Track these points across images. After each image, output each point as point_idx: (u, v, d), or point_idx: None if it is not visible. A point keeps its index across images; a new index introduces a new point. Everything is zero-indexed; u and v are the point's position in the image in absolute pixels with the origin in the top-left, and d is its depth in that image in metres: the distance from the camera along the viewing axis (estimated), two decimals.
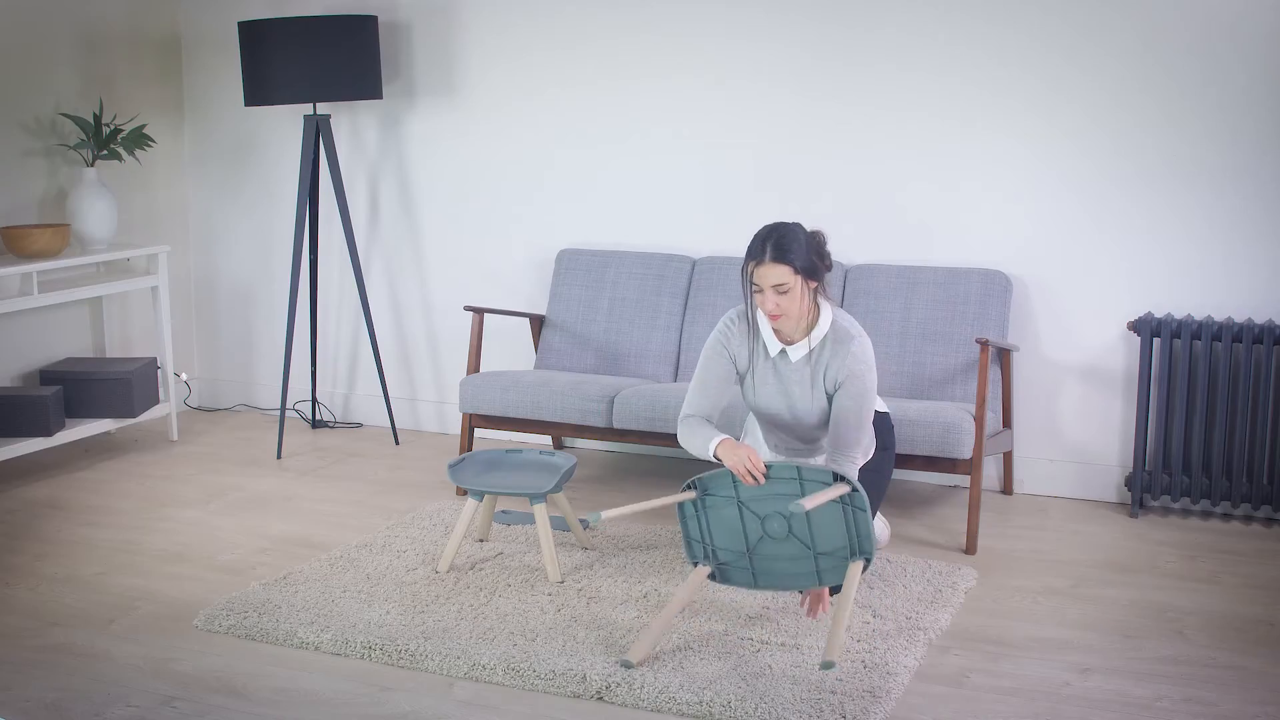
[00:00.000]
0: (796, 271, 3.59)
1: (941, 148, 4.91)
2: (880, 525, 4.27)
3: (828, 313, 3.74)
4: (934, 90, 4.88)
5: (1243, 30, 4.47)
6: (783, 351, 3.78)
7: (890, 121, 4.97)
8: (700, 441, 3.70)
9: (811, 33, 5.03)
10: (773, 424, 3.93)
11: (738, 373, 3.87)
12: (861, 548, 3.48)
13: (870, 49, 4.95)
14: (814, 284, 3.68)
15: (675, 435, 4.60)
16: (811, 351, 3.75)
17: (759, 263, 3.61)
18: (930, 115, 4.90)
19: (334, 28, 5.29)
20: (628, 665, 3.35)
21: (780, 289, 3.60)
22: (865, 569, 3.50)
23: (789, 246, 3.59)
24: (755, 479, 3.51)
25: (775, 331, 3.78)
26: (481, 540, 4.29)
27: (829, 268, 3.72)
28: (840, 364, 3.70)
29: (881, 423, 3.99)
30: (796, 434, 3.92)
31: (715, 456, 3.63)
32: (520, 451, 4.32)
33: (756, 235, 3.67)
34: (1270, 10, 4.43)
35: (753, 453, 3.55)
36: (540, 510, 3.98)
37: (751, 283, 3.66)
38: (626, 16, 5.30)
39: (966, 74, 4.83)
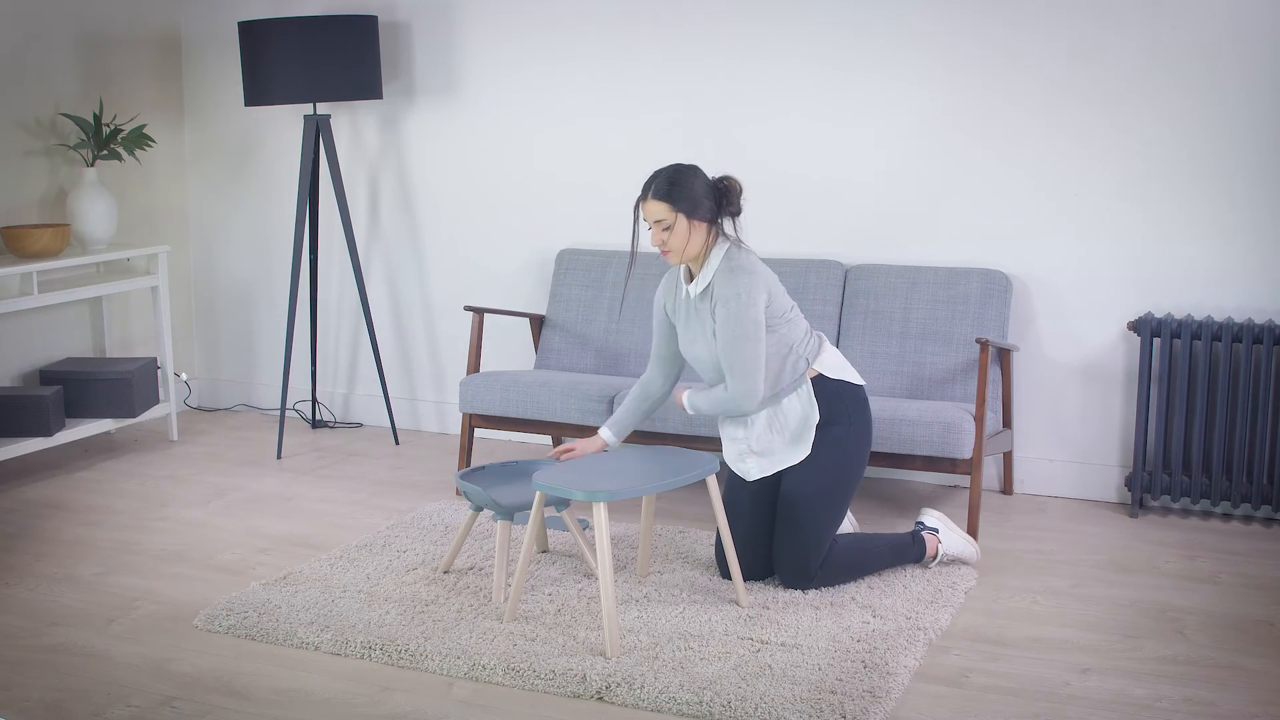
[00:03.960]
0: (675, 209, 3.73)
1: (941, 148, 4.91)
2: (962, 544, 4.10)
3: (720, 250, 3.81)
4: (934, 91, 4.88)
5: (1243, 30, 4.47)
6: (687, 292, 3.90)
7: (890, 121, 4.97)
8: (709, 407, 3.89)
9: (811, 36, 5.03)
10: (696, 371, 4.02)
11: (671, 323, 3.99)
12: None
13: (870, 49, 4.95)
14: (703, 223, 3.78)
15: (675, 435, 4.61)
16: (707, 289, 3.82)
17: (643, 199, 3.80)
18: (930, 115, 4.90)
19: (334, 28, 5.29)
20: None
21: (661, 224, 3.76)
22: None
23: (672, 185, 3.75)
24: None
25: (687, 273, 3.90)
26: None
27: (731, 211, 3.82)
28: (719, 295, 3.78)
29: (849, 395, 3.91)
30: (708, 380, 3.95)
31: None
32: (517, 462, 4.15)
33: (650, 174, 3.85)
34: (1271, 10, 4.43)
35: (571, 453, 3.89)
36: (568, 516, 3.95)
37: (640, 219, 3.86)
38: (627, 16, 5.30)
39: (966, 74, 4.83)
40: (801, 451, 3.85)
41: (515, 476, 4.07)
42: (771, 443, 3.88)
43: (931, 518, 4.10)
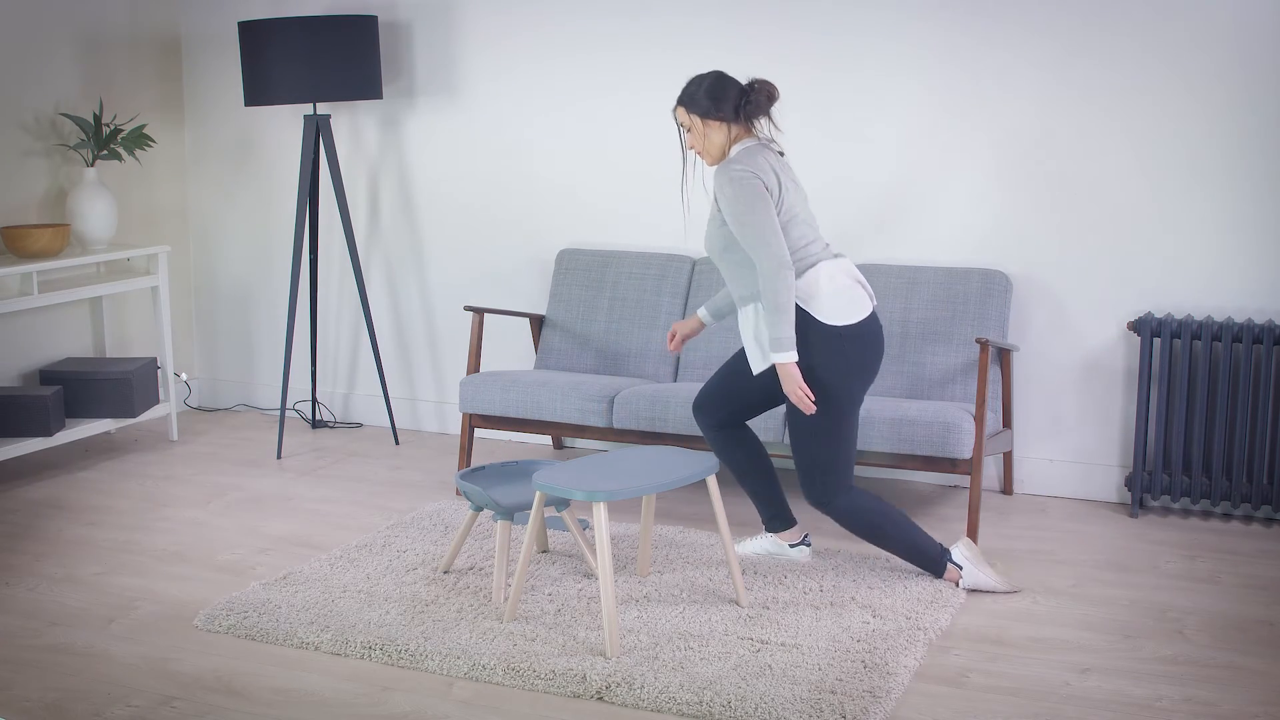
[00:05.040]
0: (690, 112, 3.90)
1: (941, 148, 4.91)
2: (988, 579, 3.96)
3: (739, 147, 3.89)
4: (934, 90, 4.88)
5: (1243, 30, 4.47)
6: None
7: (890, 121, 4.97)
8: (783, 333, 3.77)
9: (811, 36, 5.03)
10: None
11: None
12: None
13: (869, 49, 4.95)
14: (717, 122, 3.88)
15: (675, 435, 4.61)
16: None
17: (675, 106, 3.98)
18: (930, 115, 4.90)
19: (334, 28, 5.29)
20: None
21: (685, 127, 3.94)
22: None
23: (687, 91, 3.92)
24: (806, 406, 3.78)
25: None
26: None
27: (750, 112, 3.88)
28: (716, 185, 3.85)
29: (815, 331, 3.81)
30: (724, 272, 3.99)
31: (774, 363, 3.81)
32: (517, 462, 4.16)
33: None
34: (1271, 10, 4.43)
35: (803, 389, 3.77)
36: (568, 516, 3.95)
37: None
38: (627, 16, 5.30)
39: (967, 74, 4.83)
40: (754, 365, 3.91)
41: (515, 476, 4.07)
42: (744, 337, 3.95)
43: (959, 552, 3.98)
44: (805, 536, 4.20)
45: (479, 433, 5.73)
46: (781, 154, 3.95)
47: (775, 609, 3.76)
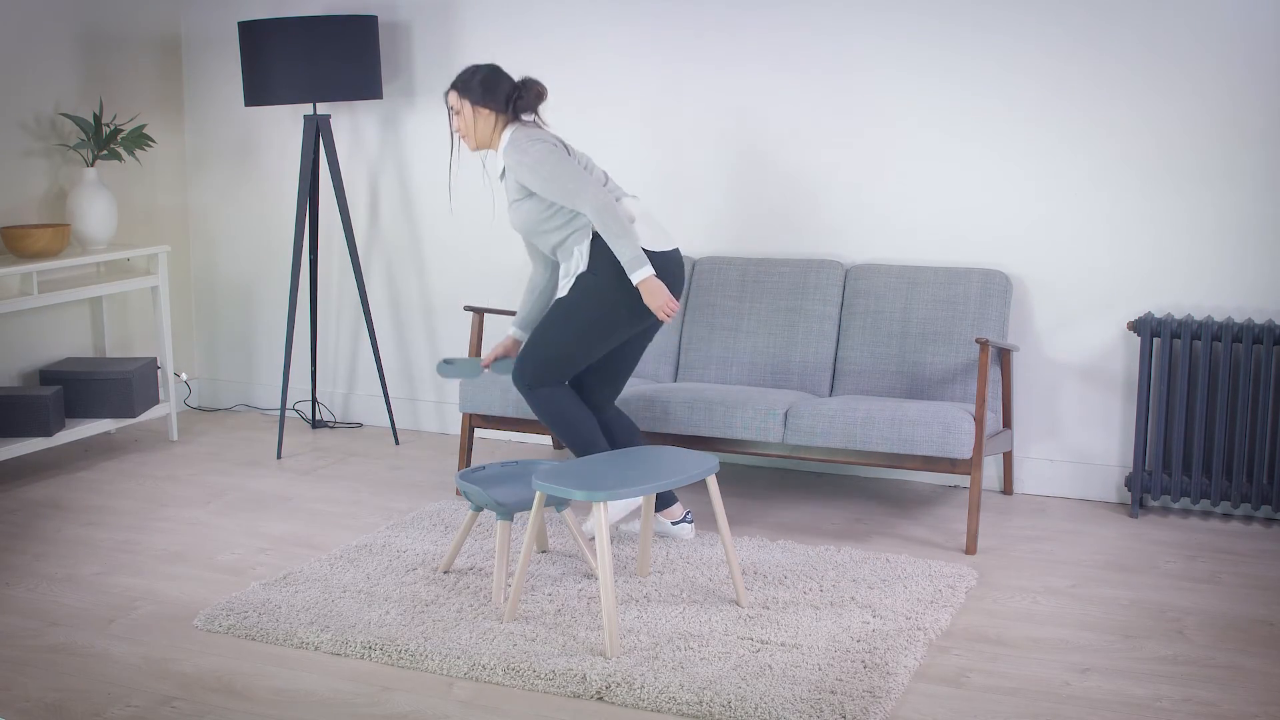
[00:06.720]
0: (462, 97, 4.20)
1: (942, 148, 4.91)
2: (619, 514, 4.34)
3: (509, 134, 4.19)
4: (935, 91, 4.88)
5: (1243, 30, 4.47)
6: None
7: (891, 121, 4.97)
8: (633, 252, 4.06)
9: (812, 37, 5.03)
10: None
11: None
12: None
13: (871, 50, 4.95)
14: (487, 111, 4.18)
15: (675, 435, 4.61)
16: (504, 168, 4.23)
17: (446, 91, 4.29)
18: (931, 115, 4.90)
19: (334, 28, 5.29)
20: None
21: (454, 110, 4.23)
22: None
23: (461, 77, 4.23)
24: (669, 315, 4.10)
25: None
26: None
27: (522, 106, 4.19)
28: (508, 164, 4.16)
29: (605, 255, 4.15)
30: (543, 249, 4.33)
31: (637, 284, 4.08)
32: (517, 462, 4.15)
33: None
34: (1271, 10, 4.43)
35: (671, 298, 4.09)
36: (568, 515, 3.95)
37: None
38: (627, 16, 5.30)
39: (967, 74, 4.83)
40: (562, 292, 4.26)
41: (515, 476, 4.07)
42: (562, 281, 4.26)
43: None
44: (687, 514, 4.38)
45: (479, 433, 5.73)
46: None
47: (775, 609, 3.76)
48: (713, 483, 3.75)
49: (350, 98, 5.37)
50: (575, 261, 4.20)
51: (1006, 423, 4.79)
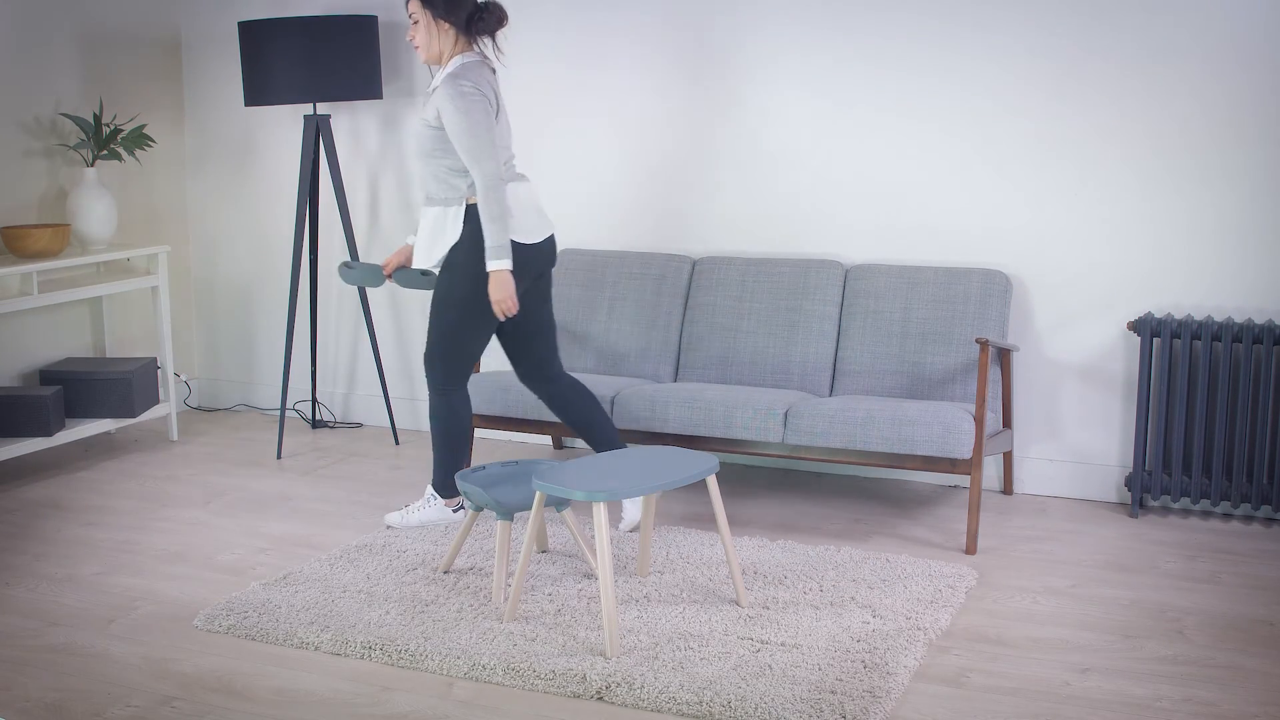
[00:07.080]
0: (424, 7, 4.17)
1: (942, 148, 4.91)
2: (428, 515, 4.51)
3: (457, 62, 4.17)
4: (935, 91, 4.88)
5: (1243, 30, 4.47)
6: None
7: (891, 121, 4.97)
8: (499, 240, 4.10)
9: (812, 36, 5.03)
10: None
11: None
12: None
13: (872, 51, 4.95)
14: (448, 25, 4.17)
15: (675, 435, 4.61)
16: (434, 90, 4.20)
17: None
18: (931, 116, 4.90)
19: (334, 28, 5.29)
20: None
21: (414, 19, 4.19)
22: None
23: None
24: (509, 310, 4.16)
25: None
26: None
27: (480, 29, 4.17)
28: (439, 96, 4.14)
29: (475, 242, 4.19)
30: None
31: (489, 271, 4.13)
32: (517, 462, 4.14)
33: None
34: (1271, 10, 4.44)
35: (512, 298, 4.14)
36: (568, 515, 3.94)
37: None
38: (627, 17, 5.30)
39: (967, 75, 4.83)
40: (420, 261, 4.29)
41: (515, 476, 4.07)
42: (421, 234, 4.30)
43: (456, 502, 4.47)
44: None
45: (479, 433, 5.73)
46: (494, 71, 4.25)
47: (775, 609, 3.77)
48: (713, 483, 3.75)
49: (350, 98, 5.37)
50: (449, 221, 4.21)
51: (1006, 423, 4.79)
